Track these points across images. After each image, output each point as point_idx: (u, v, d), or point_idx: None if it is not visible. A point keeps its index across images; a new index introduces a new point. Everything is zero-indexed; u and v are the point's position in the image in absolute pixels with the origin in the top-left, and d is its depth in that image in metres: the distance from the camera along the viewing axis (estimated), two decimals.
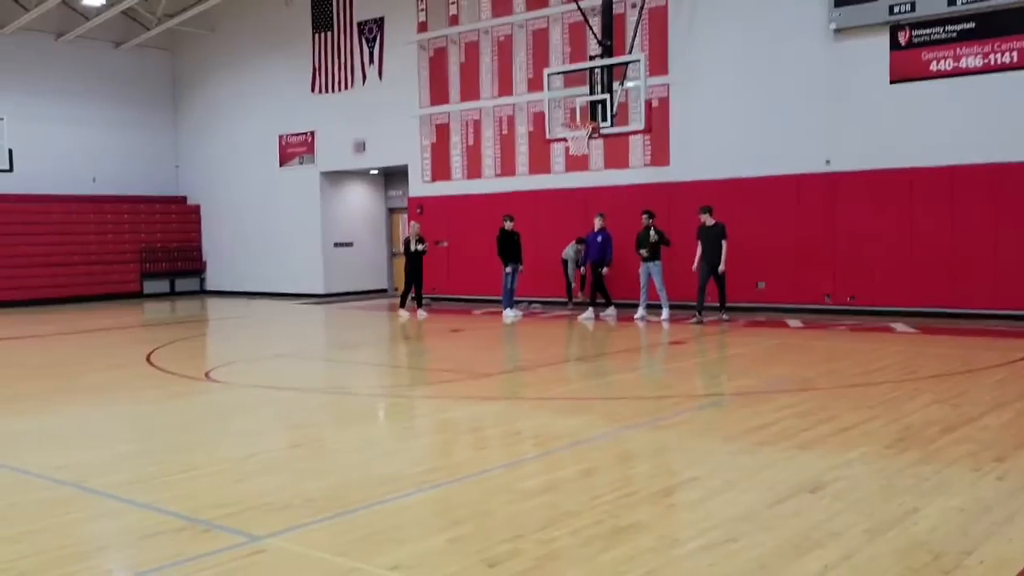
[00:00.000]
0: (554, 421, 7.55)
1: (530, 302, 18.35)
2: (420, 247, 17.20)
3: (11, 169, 18.15)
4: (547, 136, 16.33)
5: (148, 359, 12.00)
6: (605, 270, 16.03)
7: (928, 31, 14.36)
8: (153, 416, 8.38)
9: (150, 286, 25.03)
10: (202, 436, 7.42)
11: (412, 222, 18.86)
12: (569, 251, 17.43)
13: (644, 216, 15.30)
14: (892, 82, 14.69)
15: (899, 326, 13.75)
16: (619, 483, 5.62)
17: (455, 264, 20.14)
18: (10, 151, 17.91)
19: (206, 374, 10.76)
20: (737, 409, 7.79)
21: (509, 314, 16.64)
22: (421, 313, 17.32)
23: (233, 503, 5.26)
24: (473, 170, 19.96)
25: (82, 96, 24.23)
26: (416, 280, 17.29)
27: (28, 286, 22.59)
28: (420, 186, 20.96)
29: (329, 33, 22.44)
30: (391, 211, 24.35)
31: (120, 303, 23.25)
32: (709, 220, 14.77)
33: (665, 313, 15.14)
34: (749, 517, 4.79)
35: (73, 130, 24.05)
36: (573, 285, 17.59)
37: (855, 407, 7.64)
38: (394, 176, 23.44)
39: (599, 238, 16.08)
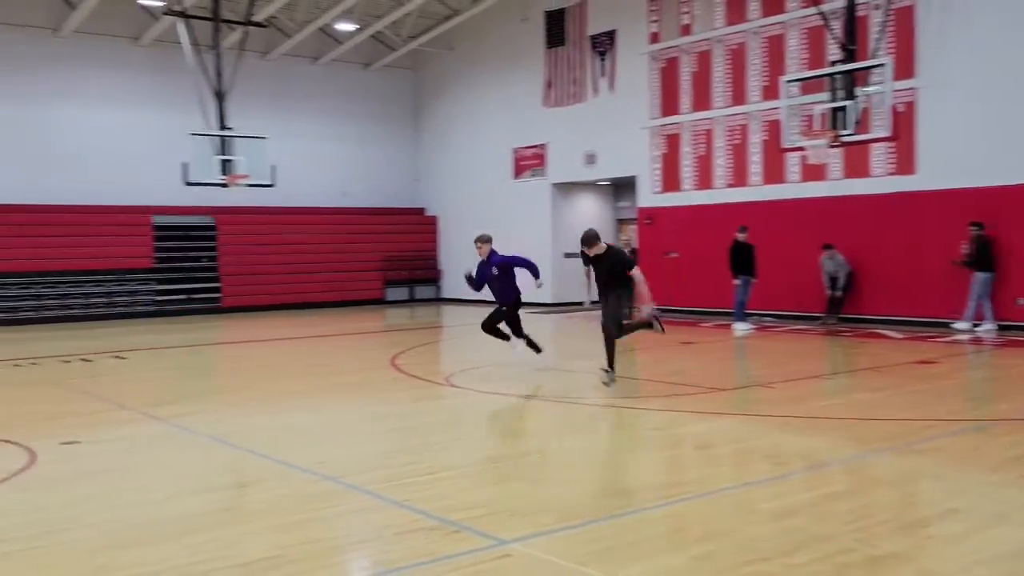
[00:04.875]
0: (792, 440, 7.33)
1: (762, 315, 17.84)
2: None
3: (273, 184, 19.69)
4: (783, 145, 15.79)
5: (393, 363, 12.71)
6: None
7: None
8: (401, 417, 8.88)
9: (391, 293, 26.50)
10: (447, 439, 7.78)
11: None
12: (826, 262, 16.73)
13: (972, 228, 14.88)
14: None
15: None
16: (867, 509, 5.36)
17: (685, 276, 19.91)
18: (272, 167, 19.42)
19: (447, 379, 11.27)
20: (1000, 436, 7.22)
21: (740, 327, 16.27)
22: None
23: (481, 505, 5.49)
24: (704, 180, 19.68)
25: (334, 115, 26.13)
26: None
27: (282, 292, 24.46)
28: (650, 197, 20.92)
29: (562, 48, 22.88)
30: (620, 222, 24.44)
31: (364, 309, 24.75)
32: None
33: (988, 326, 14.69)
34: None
35: (326, 147, 26.01)
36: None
37: None
38: (624, 187, 23.51)
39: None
